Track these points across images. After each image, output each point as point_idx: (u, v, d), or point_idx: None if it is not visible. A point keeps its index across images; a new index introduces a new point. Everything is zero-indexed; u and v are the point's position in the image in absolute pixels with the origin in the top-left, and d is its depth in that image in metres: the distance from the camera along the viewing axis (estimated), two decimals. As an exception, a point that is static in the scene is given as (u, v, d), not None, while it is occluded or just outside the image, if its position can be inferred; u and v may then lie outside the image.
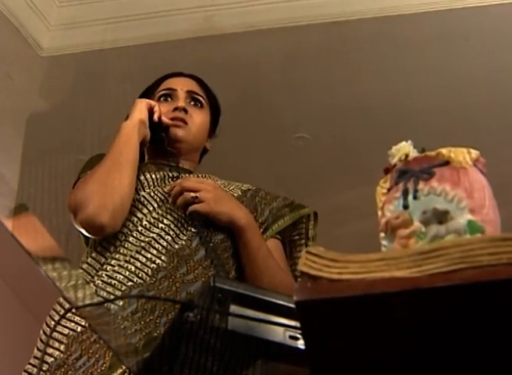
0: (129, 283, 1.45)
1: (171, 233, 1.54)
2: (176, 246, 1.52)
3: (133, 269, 1.47)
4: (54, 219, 2.97)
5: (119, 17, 3.21)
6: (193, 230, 1.55)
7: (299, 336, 0.95)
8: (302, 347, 0.94)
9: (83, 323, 1.41)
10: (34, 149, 3.50)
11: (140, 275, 1.46)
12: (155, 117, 1.70)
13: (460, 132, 3.42)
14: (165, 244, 1.51)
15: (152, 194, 1.61)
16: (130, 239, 1.53)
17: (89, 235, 1.55)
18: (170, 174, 1.68)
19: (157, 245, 1.51)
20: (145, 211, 1.58)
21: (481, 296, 0.68)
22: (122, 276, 1.46)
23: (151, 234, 1.53)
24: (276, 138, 3.63)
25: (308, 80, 3.35)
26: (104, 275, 1.48)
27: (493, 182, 0.85)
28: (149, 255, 1.49)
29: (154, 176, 1.66)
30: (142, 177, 1.64)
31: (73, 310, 1.44)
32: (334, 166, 3.76)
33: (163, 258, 1.49)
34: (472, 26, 3.11)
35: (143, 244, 1.51)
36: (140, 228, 1.55)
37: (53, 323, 1.46)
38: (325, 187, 3.80)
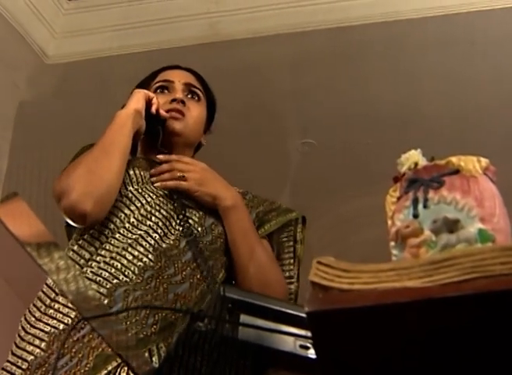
0: (115, 281, 1.41)
1: (159, 231, 1.51)
2: (164, 245, 1.49)
3: (119, 266, 1.44)
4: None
5: (123, 24, 3.22)
6: (180, 229, 1.53)
7: (309, 345, 0.95)
8: (312, 356, 0.95)
9: (65, 321, 1.38)
10: (38, 158, 3.51)
11: (126, 273, 1.43)
12: (153, 109, 1.67)
13: (467, 137, 3.42)
14: (152, 242, 1.48)
15: (140, 190, 1.58)
16: (117, 236, 1.50)
17: (72, 223, 1.51)
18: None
19: (144, 243, 1.48)
20: (133, 207, 1.54)
21: (493, 306, 0.68)
22: (107, 274, 1.43)
23: (139, 232, 1.50)
24: (282, 144, 3.63)
25: (314, 86, 3.35)
26: (89, 272, 1.44)
27: (502, 189, 0.85)
28: (136, 253, 1.46)
29: (143, 173, 1.63)
30: (131, 172, 1.61)
31: (60, 308, 1.41)
32: (341, 172, 3.76)
33: (150, 256, 1.46)
34: (478, 31, 3.11)
35: (130, 241, 1.48)
36: (127, 225, 1.51)
37: (33, 319, 1.42)
38: (332, 194, 3.79)
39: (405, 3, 3.06)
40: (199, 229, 1.56)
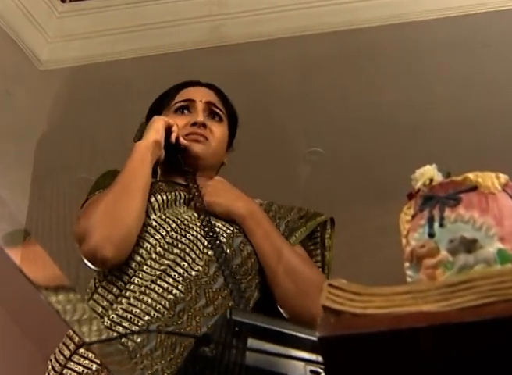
0: (147, 318, 1.43)
1: (187, 258, 1.52)
2: (193, 273, 1.50)
3: (149, 301, 1.45)
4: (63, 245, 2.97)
5: (121, 28, 3.23)
6: (209, 252, 1.54)
7: (320, 370, 0.96)
8: (323, 382, 0.95)
9: (98, 361, 1.38)
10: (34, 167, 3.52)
11: (157, 308, 1.44)
12: (172, 138, 1.69)
13: (481, 143, 3.42)
14: (181, 271, 1.50)
15: (164, 217, 1.59)
16: (145, 268, 1.51)
17: (92, 267, 1.54)
18: (182, 195, 1.68)
19: (173, 273, 1.49)
20: (158, 236, 1.55)
21: (513, 331, 0.69)
22: (138, 310, 1.44)
23: (166, 261, 1.51)
24: (288, 153, 3.63)
25: (321, 91, 3.35)
26: (119, 308, 1.46)
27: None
28: (165, 285, 1.47)
29: (165, 197, 1.64)
30: (152, 199, 1.62)
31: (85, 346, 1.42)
32: (350, 182, 3.75)
33: (180, 287, 1.47)
34: (493, 32, 3.11)
35: (158, 272, 1.49)
36: (154, 255, 1.52)
37: (62, 358, 1.44)
38: (341, 205, 3.78)
39: (415, 4, 3.06)
40: (227, 250, 1.56)
